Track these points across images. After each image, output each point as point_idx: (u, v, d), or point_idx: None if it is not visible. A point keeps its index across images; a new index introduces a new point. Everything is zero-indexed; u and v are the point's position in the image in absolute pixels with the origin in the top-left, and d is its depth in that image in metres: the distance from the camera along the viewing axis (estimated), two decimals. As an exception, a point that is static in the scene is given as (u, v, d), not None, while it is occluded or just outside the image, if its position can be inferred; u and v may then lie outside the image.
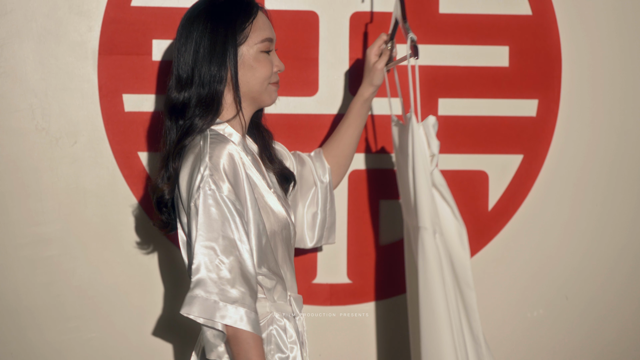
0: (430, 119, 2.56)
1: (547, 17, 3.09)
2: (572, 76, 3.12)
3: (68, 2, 2.89)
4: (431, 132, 2.53)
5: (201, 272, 2.24)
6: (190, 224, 2.28)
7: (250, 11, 2.43)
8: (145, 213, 2.98)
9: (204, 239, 2.25)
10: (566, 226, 3.19)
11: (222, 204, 2.26)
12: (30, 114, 2.91)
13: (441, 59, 3.07)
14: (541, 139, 3.13)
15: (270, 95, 2.47)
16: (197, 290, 2.23)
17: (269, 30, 2.46)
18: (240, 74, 2.41)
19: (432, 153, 2.53)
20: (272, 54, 2.48)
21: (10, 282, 2.96)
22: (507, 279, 3.17)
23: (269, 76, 2.44)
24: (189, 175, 2.31)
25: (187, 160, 2.35)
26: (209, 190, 2.26)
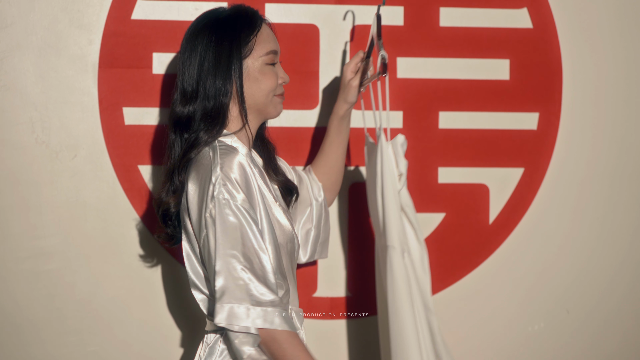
0: (399, 138, 2.54)
1: (548, 31, 3.07)
2: (573, 89, 3.10)
3: (68, 15, 2.88)
4: (399, 151, 2.52)
5: (227, 280, 2.24)
6: (208, 235, 2.28)
7: (254, 24, 2.43)
8: (145, 226, 2.96)
9: (225, 247, 2.25)
10: (567, 239, 3.16)
11: (238, 213, 2.26)
12: (30, 127, 2.89)
13: (442, 72, 3.05)
14: (542, 152, 3.11)
15: (275, 107, 2.47)
16: (225, 298, 2.24)
17: (274, 42, 2.46)
18: (245, 87, 2.41)
19: (399, 172, 2.52)
20: (277, 66, 2.48)
21: (11, 296, 2.93)
22: (507, 292, 3.15)
23: (274, 88, 2.44)
24: (200, 187, 2.30)
25: (195, 172, 2.34)
26: (223, 199, 2.25)
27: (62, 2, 2.87)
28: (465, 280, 3.11)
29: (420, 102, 3.04)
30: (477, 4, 3.03)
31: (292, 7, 2.97)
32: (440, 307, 3.06)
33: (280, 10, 2.95)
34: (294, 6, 2.97)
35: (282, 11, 2.95)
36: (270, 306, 2.25)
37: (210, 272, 2.30)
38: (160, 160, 2.91)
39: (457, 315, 3.12)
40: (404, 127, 3.04)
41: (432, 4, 3.02)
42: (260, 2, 2.95)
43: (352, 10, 2.78)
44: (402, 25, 3.01)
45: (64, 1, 2.87)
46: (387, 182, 2.49)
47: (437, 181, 3.07)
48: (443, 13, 3.04)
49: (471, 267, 3.11)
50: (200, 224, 2.30)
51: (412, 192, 2.90)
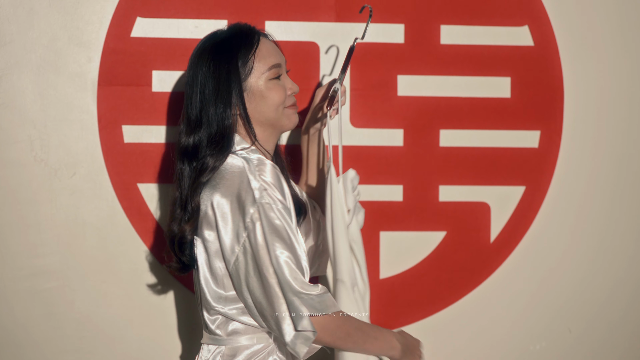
0: (350, 173, 2.51)
1: (549, 48, 3.05)
2: (575, 107, 3.07)
3: (67, 32, 2.87)
4: (349, 186, 2.48)
5: (292, 283, 2.24)
6: (250, 239, 2.25)
7: (251, 42, 2.39)
8: (144, 245, 2.94)
9: (276, 248, 2.23)
10: (569, 258, 3.13)
11: (281, 217, 2.25)
12: (29, 145, 2.88)
13: (443, 90, 3.02)
14: (543, 171, 3.08)
15: (289, 118, 2.44)
16: (296, 302, 2.23)
17: (275, 55, 2.42)
18: (253, 106, 2.39)
19: (348, 207, 2.47)
20: (284, 77, 2.44)
21: (10, 314, 2.91)
22: (509, 312, 3.12)
23: (282, 101, 2.40)
24: (234, 196, 2.26)
25: (224, 185, 2.30)
26: (266, 203, 2.24)
27: (62, 19, 2.86)
28: (466, 299, 3.08)
29: (421, 120, 3.02)
30: (478, 21, 3.01)
31: (292, 24, 2.95)
32: (441, 326, 3.06)
33: (281, 27, 2.93)
34: (294, 24, 2.95)
35: (283, 29, 2.94)
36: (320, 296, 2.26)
37: (256, 279, 2.26)
38: (159, 178, 2.91)
39: (457, 334, 3.09)
40: (405, 145, 3.01)
41: (433, 21, 3.00)
42: (260, 20, 2.93)
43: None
44: (402, 43, 3.00)
45: (63, 19, 2.86)
46: (336, 217, 2.42)
47: (438, 199, 3.04)
48: (444, 31, 3.02)
49: (472, 286, 3.08)
50: (237, 233, 2.26)
51: (413, 211, 2.99)
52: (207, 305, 2.37)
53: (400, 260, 3.06)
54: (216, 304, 2.36)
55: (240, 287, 2.30)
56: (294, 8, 2.94)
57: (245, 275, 2.28)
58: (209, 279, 2.35)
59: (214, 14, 2.91)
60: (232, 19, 2.89)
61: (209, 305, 2.37)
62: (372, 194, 3.02)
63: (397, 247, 3.04)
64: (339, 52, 2.96)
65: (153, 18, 2.89)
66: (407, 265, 3.05)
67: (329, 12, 2.96)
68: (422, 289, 3.06)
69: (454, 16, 3.01)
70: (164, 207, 2.92)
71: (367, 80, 2.99)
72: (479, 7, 3.01)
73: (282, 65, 2.43)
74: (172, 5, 2.89)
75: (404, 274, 3.05)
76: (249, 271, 2.27)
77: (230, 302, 2.35)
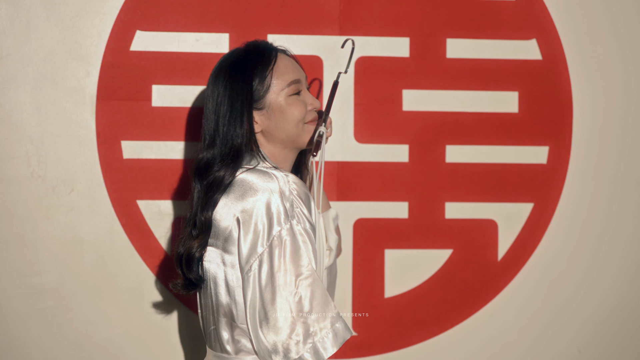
0: (331, 212, 2.46)
1: (558, 62, 3.02)
2: (584, 122, 3.04)
3: (65, 46, 2.84)
4: (330, 225, 2.44)
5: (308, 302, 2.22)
6: (273, 253, 2.21)
7: (268, 60, 2.36)
8: (144, 263, 2.90)
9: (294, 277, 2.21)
10: (578, 277, 3.09)
11: (305, 234, 2.22)
12: (26, 161, 2.85)
13: (449, 105, 3.00)
14: (552, 187, 3.04)
15: (309, 134, 2.38)
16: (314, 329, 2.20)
17: (294, 71, 2.38)
18: (273, 123, 2.35)
19: (329, 247, 2.42)
20: (304, 93, 2.39)
21: (4, 335, 2.87)
22: (516, 331, 3.07)
23: (302, 117, 2.35)
24: (265, 206, 2.22)
25: (251, 193, 2.24)
26: (297, 220, 2.22)
27: (59, 33, 2.84)
28: (473, 318, 3.04)
29: (426, 136, 2.99)
30: (484, 35, 2.99)
31: (295, 38, 2.93)
32: (447, 347, 3.03)
33: (283, 41, 2.88)
34: (297, 37, 2.93)
35: (285, 42, 2.85)
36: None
37: (266, 292, 2.22)
38: (159, 195, 2.88)
39: (464, 355, 3.06)
40: (410, 161, 2.98)
41: (439, 35, 2.98)
42: (262, 34, 2.90)
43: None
44: (407, 57, 2.97)
45: (61, 32, 2.84)
46: (318, 258, 2.35)
47: (444, 216, 3.01)
48: (450, 44, 2.99)
49: (479, 305, 3.04)
50: (259, 243, 2.22)
51: (419, 228, 2.96)
52: (225, 318, 2.31)
53: (406, 279, 3.02)
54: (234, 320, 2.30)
55: (246, 295, 2.24)
56: (297, 21, 2.92)
57: (254, 284, 2.23)
58: (225, 296, 2.30)
59: (216, 27, 2.89)
60: (234, 32, 2.88)
61: (231, 317, 2.29)
62: (377, 211, 2.99)
63: (402, 266, 3.01)
64: (322, 87, 2.93)
65: (153, 31, 2.87)
66: (412, 284, 3.02)
67: (333, 25, 2.94)
68: (428, 309, 3.02)
69: (460, 29, 2.99)
70: (164, 224, 2.90)
71: (372, 95, 2.95)
72: (485, 20, 2.99)
73: (301, 81, 2.38)
74: (172, 19, 2.88)
75: (409, 293, 3.01)
76: (262, 281, 2.22)
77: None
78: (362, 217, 2.98)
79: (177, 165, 2.88)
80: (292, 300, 2.19)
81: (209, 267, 2.29)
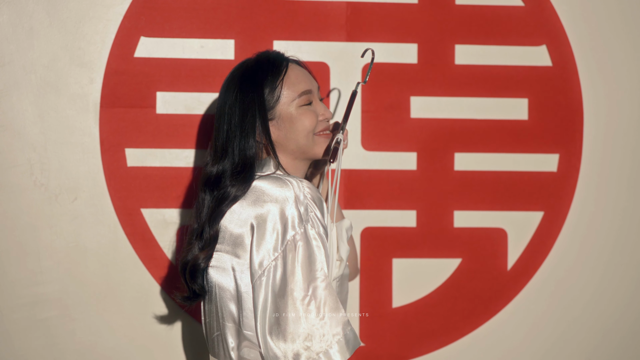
0: (345, 222, 2.41)
1: (568, 69, 2.99)
2: (595, 129, 3.01)
3: (69, 53, 2.82)
4: (343, 235, 2.39)
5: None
6: (286, 258, 2.21)
7: (278, 70, 2.36)
8: (148, 273, 2.88)
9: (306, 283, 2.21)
10: (589, 287, 3.05)
11: (318, 239, 2.23)
12: (28, 169, 2.82)
13: (457, 112, 2.97)
14: (562, 195, 3.01)
15: (320, 145, 2.38)
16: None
17: (305, 81, 2.37)
18: (283, 133, 2.35)
19: (339, 257, 2.38)
20: (315, 103, 2.38)
21: (7, 346, 2.85)
22: (527, 342, 3.04)
23: (313, 127, 2.35)
24: (279, 213, 2.22)
25: (266, 198, 2.24)
26: (311, 225, 2.23)
27: (63, 39, 2.82)
28: (482, 329, 3.01)
29: (435, 143, 2.96)
30: (494, 41, 2.97)
31: (301, 44, 2.90)
32: (456, 357, 3.01)
33: (290, 47, 2.88)
34: (303, 44, 2.90)
35: (292, 49, 2.89)
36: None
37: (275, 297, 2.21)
38: (163, 203, 2.86)
39: None
40: (418, 169, 2.95)
41: (447, 41, 2.95)
42: (268, 40, 2.88)
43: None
44: (415, 63, 2.95)
45: (65, 38, 2.82)
46: (329, 267, 2.33)
47: (453, 225, 2.98)
48: (458, 50, 2.96)
49: (489, 315, 3.01)
50: (273, 248, 2.21)
51: (427, 237, 2.94)
52: (231, 324, 2.28)
53: (414, 289, 2.99)
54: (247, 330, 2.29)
55: (257, 300, 2.23)
56: (304, 27, 2.90)
57: (266, 289, 2.22)
58: (235, 289, 2.29)
59: (221, 33, 2.86)
60: (240, 38, 2.86)
61: (238, 324, 2.28)
62: (385, 220, 2.96)
63: (411, 275, 2.98)
64: (340, 96, 2.91)
65: (157, 37, 2.85)
66: (420, 293, 2.99)
67: (340, 31, 2.92)
68: (437, 319, 2.99)
69: (468, 35, 2.96)
70: (169, 233, 2.87)
71: (379, 102, 2.92)
72: (494, 26, 2.97)
73: (313, 92, 2.38)
74: (177, 25, 2.85)
75: (418, 303, 2.98)
76: (275, 286, 2.21)
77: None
78: (370, 225, 2.95)
79: (182, 173, 2.85)
80: (304, 306, 2.17)
81: (214, 272, 2.28)
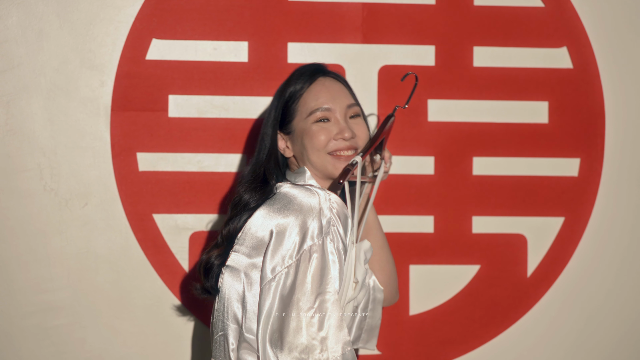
0: (365, 244, 2.37)
1: (589, 71, 2.96)
2: (616, 133, 2.98)
3: (79, 55, 2.81)
4: (361, 256, 2.33)
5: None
6: (299, 267, 2.20)
7: (303, 83, 2.37)
8: (160, 279, 2.86)
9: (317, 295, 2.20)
10: (612, 293, 3.01)
11: (335, 254, 2.23)
12: (38, 174, 2.80)
13: (475, 115, 2.94)
14: (584, 201, 2.98)
15: (333, 165, 2.32)
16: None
17: (326, 97, 2.34)
18: (298, 148, 2.36)
19: (356, 279, 2.32)
20: (333, 121, 2.34)
21: (17, 353, 2.83)
22: (547, 351, 3.00)
23: (322, 145, 2.32)
24: (301, 221, 2.21)
25: (291, 206, 2.24)
26: (330, 239, 2.22)
27: (73, 42, 2.80)
28: (502, 337, 2.98)
29: (452, 147, 2.94)
30: (513, 42, 2.94)
31: (316, 46, 2.88)
32: None
33: (304, 50, 2.87)
34: (318, 45, 2.88)
35: (306, 51, 2.87)
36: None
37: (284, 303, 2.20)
38: (176, 208, 2.86)
39: None
40: (436, 173, 2.92)
41: (466, 42, 2.92)
42: (282, 42, 2.86)
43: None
44: (433, 66, 2.92)
45: (75, 41, 2.80)
46: (343, 287, 2.29)
47: (472, 231, 2.96)
48: (477, 52, 2.93)
49: (508, 324, 2.98)
50: (288, 255, 2.20)
51: (445, 243, 2.94)
52: (234, 325, 2.26)
53: (431, 296, 2.97)
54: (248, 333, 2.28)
55: (263, 304, 2.21)
56: (319, 29, 2.87)
57: (274, 295, 2.20)
58: (243, 294, 2.28)
59: (234, 35, 2.85)
60: (254, 40, 2.84)
61: (240, 325, 2.27)
62: (402, 225, 2.94)
63: (428, 282, 2.96)
64: (378, 121, 2.88)
65: (169, 40, 2.84)
66: (438, 301, 2.96)
67: (355, 33, 2.89)
68: (454, 327, 2.96)
69: (487, 37, 2.93)
70: (181, 239, 2.85)
71: (395, 105, 2.81)
72: (514, 27, 2.95)
73: (332, 109, 2.34)
74: (189, 26, 2.84)
75: (435, 310, 2.95)
76: (283, 293, 2.20)
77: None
78: (387, 231, 2.86)
79: (195, 178, 2.83)
80: (307, 318, 2.16)
81: (228, 272, 2.26)
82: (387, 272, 2.51)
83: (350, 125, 2.32)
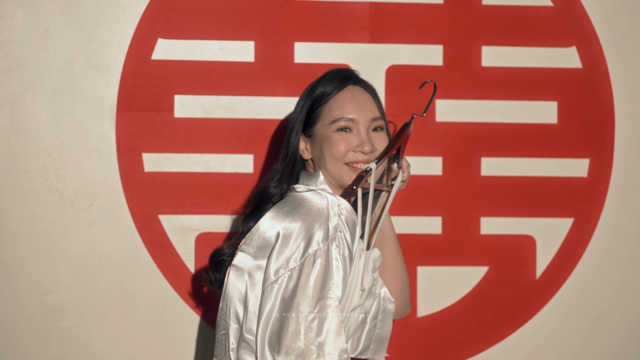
0: (374, 252, 2.35)
1: (599, 70, 2.94)
2: (626, 133, 2.96)
3: (84, 55, 2.80)
4: (369, 265, 2.32)
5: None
6: (302, 271, 2.19)
7: (331, 89, 2.35)
8: (166, 281, 2.84)
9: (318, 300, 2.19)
10: (621, 296, 2.99)
11: (340, 260, 2.23)
12: (43, 175, 2.79)
13: (484, 115, 2.93)
14: (593, 202, 2.97)
15: (349, 176, 2.31)
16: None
17: (351, 107, 2.32)
18: (316, 154, 2.35)
19: (362, 287, 2.30)
20: (356, 132, 2.32)
21: (21, 355, 2.82)
22: (556, 353, 2.99)
23: (340, 155, 2.30)
24: (307, 227, 2.21)
25: (300, 211, 2.25)
26: (336, 245, 2.22)
27: (78, 41, 2.79)
28: (510, 339, 2.96)
29: (460, 148, 2.92)
30: (521, 42, 2.93)
31: (323, 46, 2.86)
32: None
33: (311, 49, 2.86)
34: (325, 45, 2.86)
35: (313, 50, 2.86)
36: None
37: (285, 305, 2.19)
38: (181, 209, 2.85)
39: None
40: (444, 174, 2.90)
41: (474, 42, 2.91)
42: (289, 41, 2.84)
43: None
44: (441, 65, 2.90)
45: (80, 40, 2.79)
46: (348, 294, 2.28)
47: (480, 232, 2.94)
48: (485, 52, 2.92)
49: (517, 325, 2.96)
50: (292, 259, 2.20)
51: (453, 244, 2.94)
52: (235, 324, 2.27)
53: (439, 297, 2.95)
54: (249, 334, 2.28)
55: (264, 306, 2.21)
56: (326, 29, 2.86)
57: (276, 297, 2.20)
58: (246, 295, 2.29)
59: (241, 34, 2.83)
60: (260, 40, 2.83)
61: (241, 325, 2.27)
62: (410, 226, 2.92)
63: (436, 283, 2.94)
64: (396, 129, 2.85)
65: (175, 39, 2.83)
66: (446, 302, 2.95)
67: (363, 32, 2.87)
68: (462, 328, 2.95)
69: (495, 36, 2.92)
70: (187, 240, 2.85)
71: (403, 105, 2.88)
72: (522, 27, 2.93)
73: (355, 120, 2.31)
74: (195, 26, 2.83)
75: (443, 312, 2.94)
76: (284, 296, 2.19)
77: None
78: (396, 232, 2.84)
79: (201, 179, 2.81)
80: (306, 322, 2.15)
81: (233, 271, 2.26)
82: (399, 283, 2.49)
83: (371, 138, 2.29)
